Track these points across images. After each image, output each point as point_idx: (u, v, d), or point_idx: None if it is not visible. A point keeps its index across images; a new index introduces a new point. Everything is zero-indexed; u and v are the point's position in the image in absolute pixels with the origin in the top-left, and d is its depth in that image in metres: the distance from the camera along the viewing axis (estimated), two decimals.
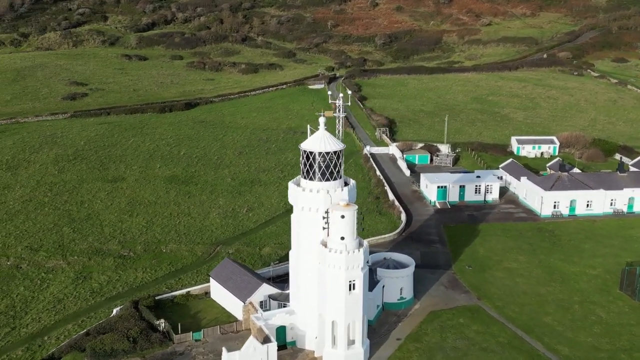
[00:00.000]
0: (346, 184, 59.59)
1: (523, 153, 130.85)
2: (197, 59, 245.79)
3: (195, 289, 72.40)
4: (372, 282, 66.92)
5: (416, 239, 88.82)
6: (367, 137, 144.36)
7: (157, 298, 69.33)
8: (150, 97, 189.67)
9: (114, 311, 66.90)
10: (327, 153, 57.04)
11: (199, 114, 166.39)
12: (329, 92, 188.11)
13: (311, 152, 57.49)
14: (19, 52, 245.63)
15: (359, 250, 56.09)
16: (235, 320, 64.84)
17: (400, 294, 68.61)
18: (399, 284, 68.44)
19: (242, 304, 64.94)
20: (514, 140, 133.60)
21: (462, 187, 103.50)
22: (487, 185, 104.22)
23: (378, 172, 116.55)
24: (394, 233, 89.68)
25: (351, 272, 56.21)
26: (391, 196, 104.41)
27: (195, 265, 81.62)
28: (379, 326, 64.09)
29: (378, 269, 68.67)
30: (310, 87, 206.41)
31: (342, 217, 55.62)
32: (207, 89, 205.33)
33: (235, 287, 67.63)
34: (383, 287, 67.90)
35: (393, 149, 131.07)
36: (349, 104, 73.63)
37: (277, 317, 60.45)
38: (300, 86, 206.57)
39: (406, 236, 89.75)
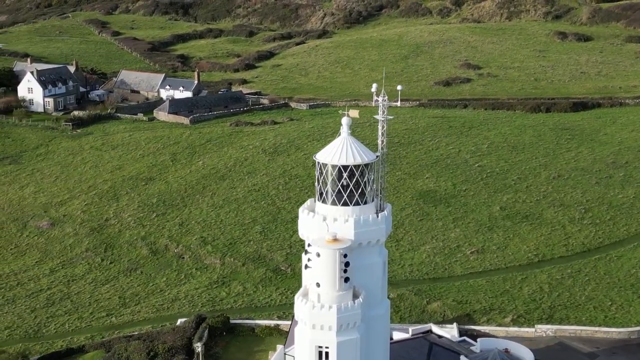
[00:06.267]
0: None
1: None
2: None
3: (287, 324, 77.92)
4: None
5: None
6: None
7: (232, 322, 77.83)
8: (549, 90, 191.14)
9: (178, 322, 78.41)
10: (335, 166, 55.90)
11: (579, 119, 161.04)
12: None
13: (318, 163, 57.31)
14: (441, 24, 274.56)
15: (330, 308, 53.59)
16: None
17: None
18: None
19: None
20: None
21: None
22: None
23: None
24: (633, 329, 75.80)
25: (320, 335, 54.13)
26: None
27: None
28: None
29: (462, 357, 61.82)
30: None
31: (318, 255, 54.24)
32: None
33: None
34: None
35: None
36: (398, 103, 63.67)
37: None
38: None
39: None
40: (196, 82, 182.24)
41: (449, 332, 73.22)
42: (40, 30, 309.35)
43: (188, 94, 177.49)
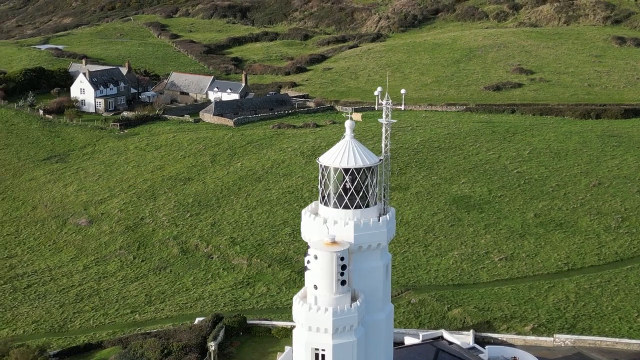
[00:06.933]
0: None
1: None
2: None
3: None
4: None
5: None
6: None
7: (249, 322, 78.45)
8: (602, 96, 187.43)
9: (196, 320, 79.37)
10: (337, 169, 55.98)
11: (629, 126, 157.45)
12: None
13: (320, 166, 57.46)
14: (497, 28, 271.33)
15: (326, 310, 53.72)
16: None
17: None
18: None
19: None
20: None
21: None
22: None
23: None
24: None
25: (316, 337, 54.29)
26: None
27: None
28: None
29: None
30: None
31: (315, 257, 54.49)
32: None
33: None
34: None
35: None
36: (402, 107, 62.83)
37: None
38: None
39: None
40: (243, 84, 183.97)
41: (465, 339, 72.49)
42: (102, 32, 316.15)
43: (235, 96, 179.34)
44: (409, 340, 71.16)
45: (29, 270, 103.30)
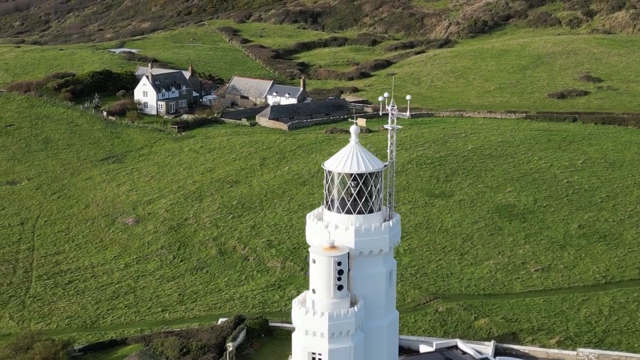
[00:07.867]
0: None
1: None
2: None
3: None
4: None
5: None
6: None
7: (271, 324, 79.05)
8: None
9: (219, 321, 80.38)
10: (340, 174, 56.17)
11: None
12: None
13: (325, 171, 57.61)
14: (569, 34, 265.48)
15: (322, 315, 53.82)
16: None
17: None
18: None
19: None
20: None
21: None
22: None
23: None
24: None
25: (313, 341, 54.41)
26: None
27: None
28: None
29: None
30: None
31: (314, 262, 54.70)
32: None
33: None
34: None
35: None
36: (407, 114, 61.80)
37: None
38: None
39: None
40: (301, 89, 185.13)
41: (485, 349, 71.41)
42: (176, 37, 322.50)
43: (293, 101, 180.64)
44: (424, 349, 70.60)
45: (73, 266, 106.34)
